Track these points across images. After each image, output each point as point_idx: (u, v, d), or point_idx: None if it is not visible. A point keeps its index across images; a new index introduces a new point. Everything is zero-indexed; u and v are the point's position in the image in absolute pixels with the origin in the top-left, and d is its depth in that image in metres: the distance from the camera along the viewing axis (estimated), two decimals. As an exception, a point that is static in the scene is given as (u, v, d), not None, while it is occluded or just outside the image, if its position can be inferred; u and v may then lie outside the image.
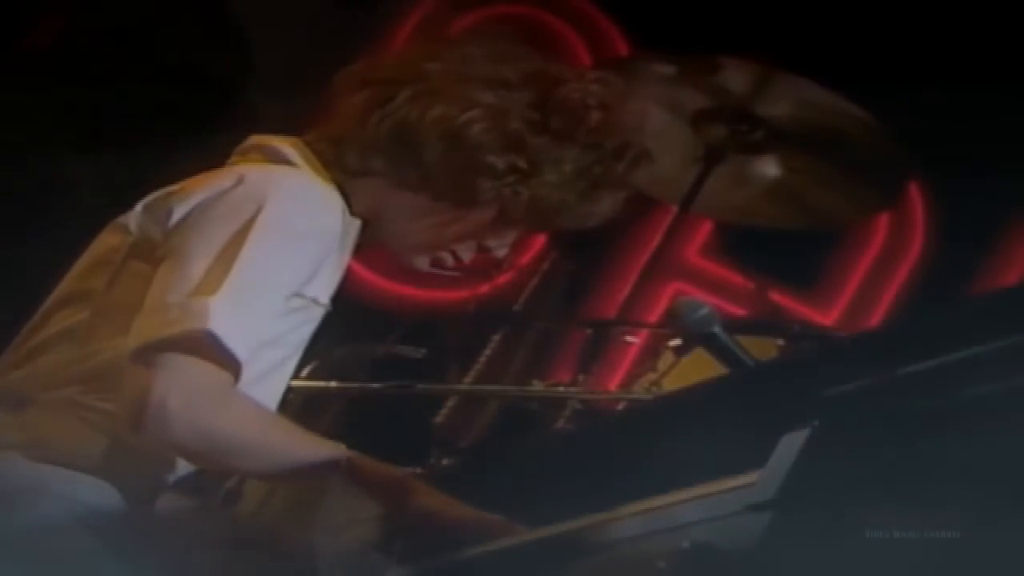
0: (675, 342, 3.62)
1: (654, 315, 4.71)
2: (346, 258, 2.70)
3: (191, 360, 2.40)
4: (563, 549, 2.20)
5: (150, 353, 2.40)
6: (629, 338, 4.16)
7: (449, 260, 2.77)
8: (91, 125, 4.68)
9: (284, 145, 2.71)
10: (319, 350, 3.07)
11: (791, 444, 1.92)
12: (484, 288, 3.68)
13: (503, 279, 3.71)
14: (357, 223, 2.70)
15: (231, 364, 2.43)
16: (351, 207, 2.69)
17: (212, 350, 2.41)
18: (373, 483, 2.48)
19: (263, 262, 2.49)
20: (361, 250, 2.75)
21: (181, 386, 2.39)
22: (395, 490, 2.48)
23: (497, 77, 2.68)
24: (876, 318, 5.18)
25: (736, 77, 3.83)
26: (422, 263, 2.77)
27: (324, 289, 2.64)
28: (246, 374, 2.46)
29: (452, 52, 2.73)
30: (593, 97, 2.71)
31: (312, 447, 2.50)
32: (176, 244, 2.53)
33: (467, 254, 2.76)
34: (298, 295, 2.58)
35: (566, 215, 2.74)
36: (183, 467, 2.59)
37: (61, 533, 2.47)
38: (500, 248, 2.77)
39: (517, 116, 2.66)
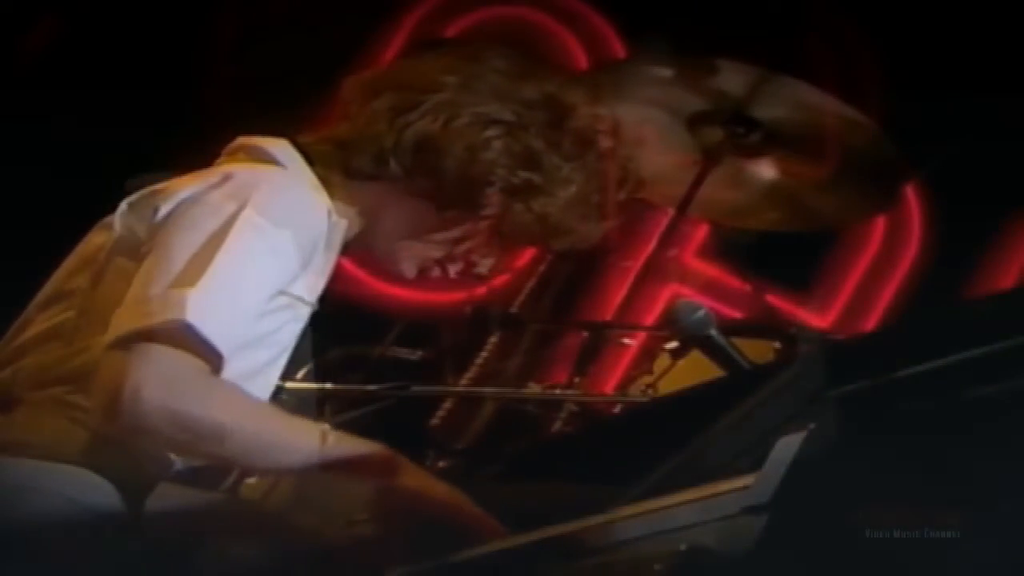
0: (671, 344, 3.62)
1: (651, 318, 4.70)
2: (332, 259, 2.71)
3: (167, 349, 2.40)
4: (559, 551, 2.20)
5: (128, 343, 2.40)
6: (625, 340, 4.16)
7: (436, 271, 2.79)
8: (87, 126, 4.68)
9: (271, 145, 2.72)
10: (315, 352, 3.07)
11: (787, 447, 1.92)
12: (481, 290, 3.68)
13: (500, 281, 3.71)
14: (344, 224, 2.71)
15: (211, 355, 2.43)
16: (344, 209, 2.70)
17: (191, 341, 2.41)
18: (358, 461, 2.48)
19: (245, 257, 2.50)
20: (347, 253, 2.76)
21: (156, 373, 2.38)
22: (381, 468, 2.48)
23: (517, 95, 2.71)
24: (873, 321, 5.18)
25: (733, 79, 3.84)
26: (410, 271, 2.78)
27: (310, 288, 2.65)
28: (231, 374, 2.46)
29: (469, 66, 2.74)
30: (603, 123, 2.74)
31: (296, 430, 2.49)
32: (159, 240, 2.54)
33: (454, 268, 2.78)
34: (283, 293, 2.58)
35: (563, 237, 2.77)
36: (175, 463, 2.59)
37: (53, 531, 2.47)
38: (483, 265, 2.80)
39: (537, 134, 2.69)
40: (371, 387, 3.41)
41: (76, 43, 4.86)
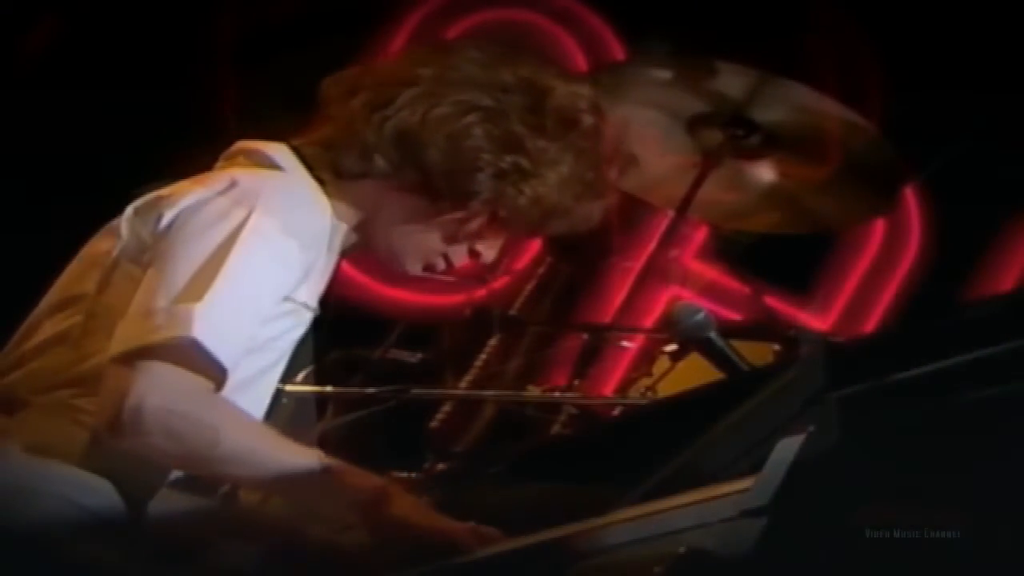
0: (671, 347, 3.62)
1: (650, 320, 4.70)
2: (333, 262, 2.71)
3: (171, 368, 2.40)
4: (558, 554, 2.19)
5: (133, 359, 2.40)
6: (625, 343, 4.16)
7: (441, 265, 2.78)
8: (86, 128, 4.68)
9: (270, 149, 2.72)
10: (315, 355, 3.07)
11: (787, 449, 1.92)
12: (480, 292, 3.68)
13: (499, 283, 3.71)
14: (344, 227, 2.71)
15: (215, 371, 2.43)
16: (340, 210, 2.70)
17: (196, 357, 2.42)
18: (350, 491, 2.48)
19: (251, 268, 2.50)
20: (347, 255, 2.76)
21: (158, 391, 2.39)
22: (372, 499, 2.47)
23: (494, 81, 2.70)
24: (872, 323, 5.17)
25: (733, 82, 3.84)
26: (414, 267, 2.78)
27: (313, 293, 2.65)
28: (232, 379, 2.46)
29: (443, 58, 2.74)
30: (584, 101, 2.73)
31: (291, 454, 2.49)
32: (165, 249, 2.53)
33: (459, 258, 2.78)
34: (288, 299, 2.58)
35: (561, 219, 2.76)
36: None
37: (54, 534, 2.47)
38: (489, 253, 2.79)
39: (517, 118, 2.68)
40: (371, 390, 3.41)
41: (76, 43, 4.87)
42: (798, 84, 3.84)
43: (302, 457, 2.48)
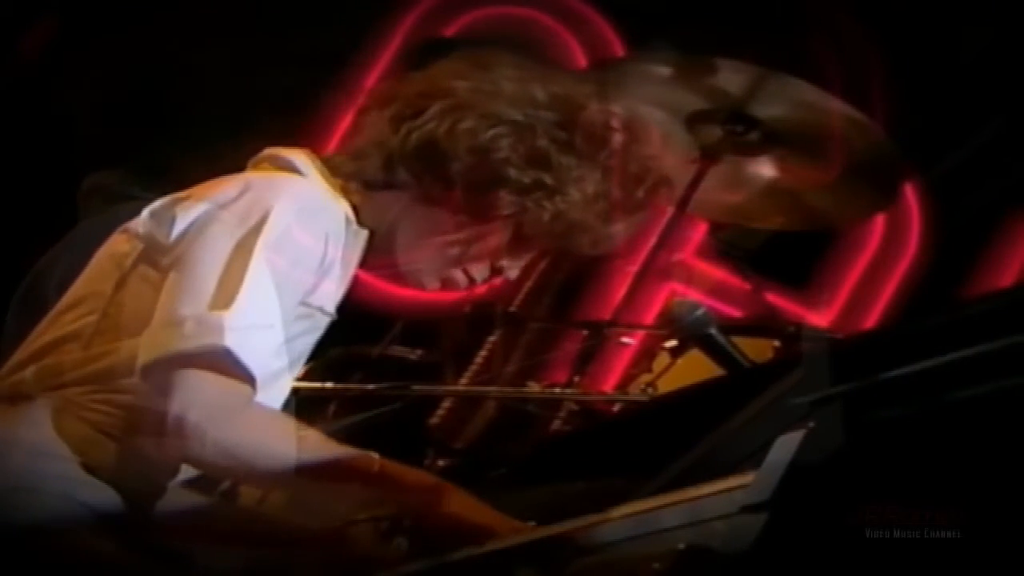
0: (671, 343, 3.62)
1: (650, 316, 4.70)
2: (352, 269, 2.71)
3: (208, 376, 2.41)
4: (557, 551, 2.20)
5: (164, 368, 2.41)
6: (625, 339, 4.16)
7: (462, 281, 2.77)
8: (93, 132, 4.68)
9: (295, 156, 2.73)
10: (315, 351, 3.07)
11: (787, 445, 1.92)
12: (480, 289, 3.68)
13: (499, 280, 3.70)
14: (364, 234, 2.71)
15: (246, 379, 2.43)
16: (364, 219, 2.70)
17: (227, 366, 2.42)
18: (408, 490, 2.48)
19: (272, 273, 2.50)
20: (369, 264, 2.76)
21: (199, 404, 2.40)
22: (426, 493, 2.48)
23: (525, 96, 2.69)
24: (872, 320, 5.17)
25: (732, 78, 3.84)
26: (432, 283, 2.78)
27: (329, 298, 2.65)
28: None
29: (481, 72, 2.73)
30: (617, 120, 2.72)
31: (342, 456, 2.50)
32: (184, 254, 2.53)
33: (480, 275, 2.78)
34: (304, 304, 2.58)
35: (585, 236, 2.74)
36: (184, 468, 2.59)
37: (59, 532, 2.47)
38: (512, 269, 2.79)
39: (544, 134, 2.68)
40: (371, 386, 3.41)
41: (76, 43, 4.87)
42: (798, 80, 3.84)
43: (354, 460, 2.49)
